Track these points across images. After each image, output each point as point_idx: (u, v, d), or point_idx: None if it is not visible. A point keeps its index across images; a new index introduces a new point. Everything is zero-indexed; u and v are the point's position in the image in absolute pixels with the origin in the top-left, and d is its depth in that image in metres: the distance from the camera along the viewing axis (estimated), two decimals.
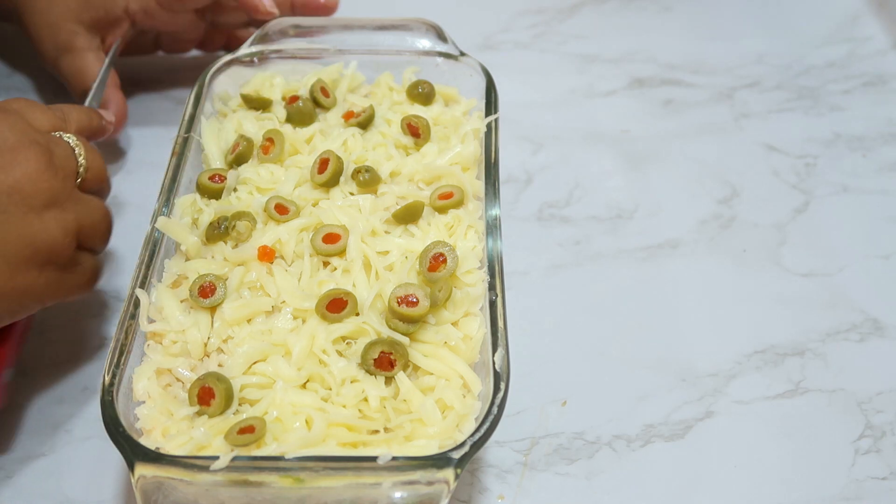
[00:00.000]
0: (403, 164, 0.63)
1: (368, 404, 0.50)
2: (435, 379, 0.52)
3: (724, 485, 0.59)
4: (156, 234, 0.57)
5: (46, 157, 0.55)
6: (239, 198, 0.60)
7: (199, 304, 0.54)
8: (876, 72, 0.92)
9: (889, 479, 0.59)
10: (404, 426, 0.49)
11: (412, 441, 0.49)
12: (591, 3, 1.01)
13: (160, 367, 0.52)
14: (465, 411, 0.50)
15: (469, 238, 0.58)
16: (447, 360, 0.52)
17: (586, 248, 0.74)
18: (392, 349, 0.51)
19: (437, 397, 0.51)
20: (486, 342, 0.52)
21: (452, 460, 0.46)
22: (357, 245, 0.57)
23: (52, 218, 0.54)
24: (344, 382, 0.51)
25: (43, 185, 0.54)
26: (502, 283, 0.54)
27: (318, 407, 0.49)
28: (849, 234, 0.76)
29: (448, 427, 0.49)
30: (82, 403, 0.63)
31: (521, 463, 0.60)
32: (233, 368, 0.52)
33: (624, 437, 0.62)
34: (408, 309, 0.52)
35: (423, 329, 0.53)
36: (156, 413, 0.50)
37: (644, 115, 0.87)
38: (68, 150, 0.58)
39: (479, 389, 0.51)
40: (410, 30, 0.71)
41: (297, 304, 0.54)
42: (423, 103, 0.68)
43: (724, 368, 0.66)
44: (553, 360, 0.66)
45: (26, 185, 0.53)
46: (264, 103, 0.67)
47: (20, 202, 0.53)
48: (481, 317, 0.54)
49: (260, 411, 0.50)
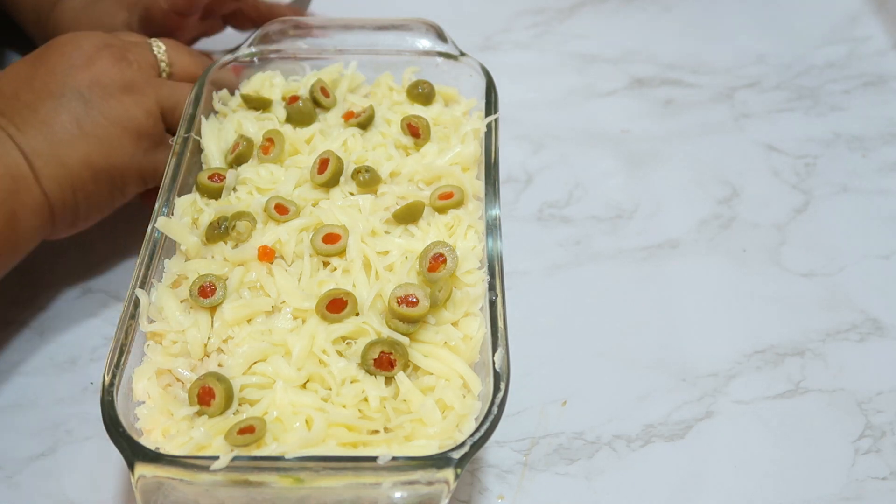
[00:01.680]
0: (403, 165, 0.63)
1: (368, 404, 0.50)
2: (435, 379, 0.52)
3: (724, 485, 0.59)
4: (156, 234, 0.57)
5: (119, 54, 0.65)
6: (239, 198, 0.60)
7: (199, 304, 0.54)
8: (876, 72, 0.92)
9: (889, 479, 0.59)
10: (404, 426, 0.49)
11: (412, 441, 0.49)
12: (591, 3, 1.01)
13: (160, 368, 0.52)
14: (465, 411, 0.50)
15: (469, 238, 0.58)
16: (447, 360, 0.52)
17: (586, 248, 0.74)
18: (392, 349, 0.51)
19: (437, 397, 0.50)
20: (486, 342, 0.52)
21: (452, 460, 0.46)
22: (357, 245, 0.56)
23: (132, 101, 0.64)
24: (344, 382, 0.51)
25: (116, 76, 0.64)
26: (502, 283, 0.54)
27: (318, 407, 0.49)
28: (849, 234, 0.76)
29: (448, 427, 0.49)
30: (82, 403, 0.63)
31: (521, 463, 0.60)
32: (233, 368, 0.51)
33: (624, 437, 0.62)
34: (408, 309, 0.52)
35: (423, 329, 0.53)
36: (156, 413, 0.50)
37: (644, 115, 0.87)
38: (144, 48, 0.68)
39: (479, 389, 0.51)
40: (410, 30, 0.71)
41: (297, 304, 0.54)
42: (423, 103, 0.68)
43: (724, 368, 0.66)
44: (553, 360, 0.66)
45: (103, 77, 0.64)
46: (264, 103, 0.67)
47: (100, 91, 0.64)
48: (481, 317, 0.54)
49: (260, 411, 0.50)
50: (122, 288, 0.70)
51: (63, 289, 0.70)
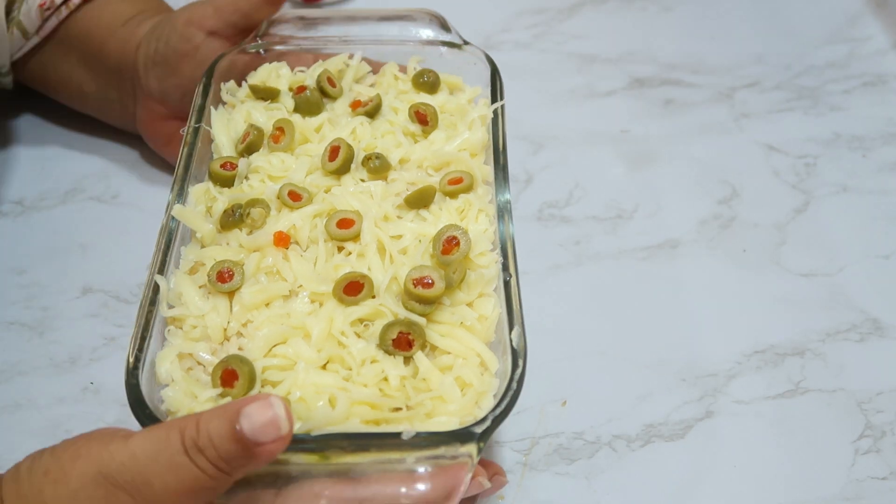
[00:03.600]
0: (412, 151, 0.63)
1: (388, 384, 0.51)
2: (452, 358, 0.52)
3: (724, 485, 0.59)
4: (171, 222, 0.57)
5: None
6: (251, 186, 0.61)
7: (217, 289, 0.54)
8: (876, 72, 0.92)
9: (889, 479, 0.59)
10: (425, 404, 0.50)
11: (433, 418, 0.50)
12: (591, 3, 1.01)
13: (182, 352, 0.53)
14: (483, 388, 0.51)
15: (480, 222, 0.59)
16: (464, 339, 0.53)
17: (586, 248, 0.74)
18: (410, 329, 0.52)
19: (455, 375, 0.51)
20: (501, 322, 0.53)
21: (475, 434, 0.47)
22: (371, 230, 0.57)
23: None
24: (364, 363, 0.52)
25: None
26: (515, 264, 0.55)
27: (340, 386, 0.50)
28: (849, 234, 0.76)
29: (468, 404, 0.50)
30: (82, 403, 0.63)
31: (521, 463, 0.60)
32: (253, 351, 0.52)
33: (624, 437, 0.62)
34: (424, 290, 0.53)
35: (439, 310, 0.54)
36: (181, 395, 0.50)
37: (644, 115, 0.87)
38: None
39: (497, 367, 0.52)
40: (414, 20, 0.72)
41: (313, 288, 0.55)
42: (428, 92, 0.68)
43: (724, 368, 0.66)
44: (553, 360, 0.66)
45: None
46: (272, 93, 0.67)
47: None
48: (495, 297, 0.55)
49: (283, 392, 0.50)
50: (123, 288, 0.70)
51: (63, 289, 0.70)
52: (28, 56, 0.78)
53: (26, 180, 0.79)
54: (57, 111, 0.82)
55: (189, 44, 0.70)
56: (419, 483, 0.47)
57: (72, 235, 0.74)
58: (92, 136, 0.82)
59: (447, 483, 0.47)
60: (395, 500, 0.47)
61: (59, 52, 0.77)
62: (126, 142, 0.81)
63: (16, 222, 0.75)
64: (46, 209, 0.76)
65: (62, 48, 0.77)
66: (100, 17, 0.76)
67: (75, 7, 0.76)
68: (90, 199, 0.77)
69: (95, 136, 0.82)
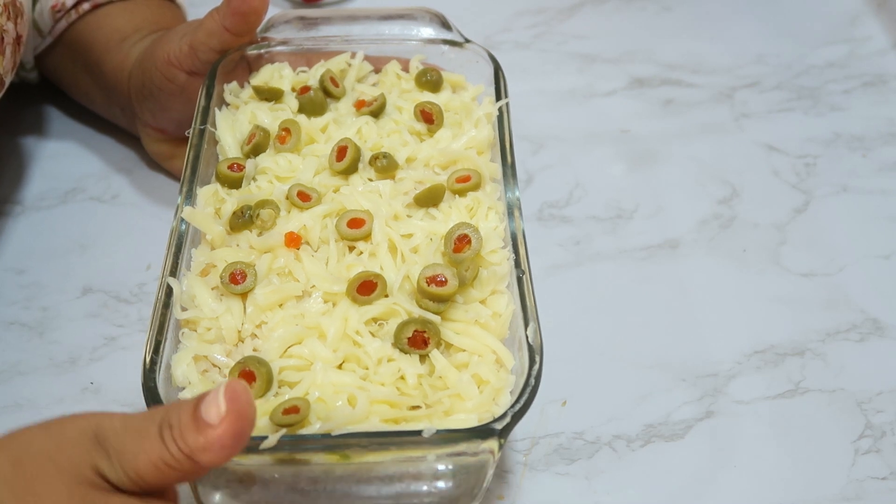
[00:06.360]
0: (419, 150, 0.63)
1: (405, 382, 0.51)
2: (468, 355, 0.53)
3: (724, 485, 0.59)
4: (181, 225, 0.57)
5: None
6: (259, 187, 0.61)
7: (230, 290, 0.54)
8: (876, 72, 0.92)
9: (889, 479, 0.59)
10: (443, 401, 0.50)
11: (451, 415, 0.50)
12: (591, 3, 1.01)
13: (197, 354, 0.53)
14: (500, 385, 0.51)
15: (490, 219, 0.59)
16: (479, 336, 0.53)
17: (586, 248, 0.74)
18: (425, 328, 0.52)
19: (471, 373, 0.52)
20: (515, 319, 0.54)
21: (496, 431, 0.47)
22: (382, 229, 0.57)
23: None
24: (380, 362, 0.52)
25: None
26: (527, 260, 0.55)
27: (359, 386, 0.50)
28: (849, 234, 0.76)
29: (485, 401, 0.50)
30: (82, 403, 0.63)
31: (521, 463, 0.60)
32: (269, 352, 0.52)
33: (624, 437, 0.62)
34: (437, 288, 0.53)
35: (453, 308, 0.54)
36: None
37: (644, 115, 0.87)
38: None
39: (513, 364, 0.52)
40: (414, 19, 0.72)
41: (326, 288, 0.55)
42: (431, 90, 0.68)
43: (724, 368, 0.66)
44: (553, 360, 0.65)
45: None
46: (276, 94, 0.67)
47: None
48: (508, 294, 0.55)
49: (301, 392, 0.50)
50: (123, 288, 0.70)
51: (63, 289, 0.70)
52: (44, 54, 0.78)
53: (26, 180, 0.79)
54: (57, 111, 0.82)
55: (173, 83, 0.69)
56: (440, 481, 0.47)
57: (72, 235, 0.74)
58: (92, 136, 0.82)
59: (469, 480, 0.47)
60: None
61: (67, 56, 0.78)
62: (126, 142, 0.81)
63: (16, 222, 0.75)
64: (46, 209, 0.76)
65: (70, 52, 0.77)
66: (100, 30, 0.76)
67: (83, 13, 0.76)
68: (90, 199, 0.77)
69: (95, 136, 0.82)
